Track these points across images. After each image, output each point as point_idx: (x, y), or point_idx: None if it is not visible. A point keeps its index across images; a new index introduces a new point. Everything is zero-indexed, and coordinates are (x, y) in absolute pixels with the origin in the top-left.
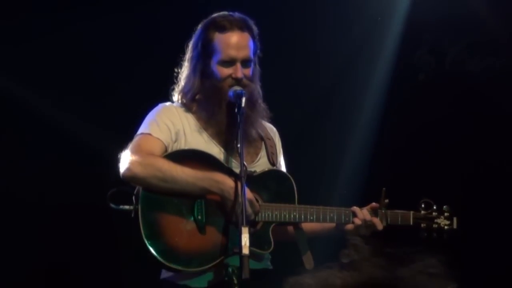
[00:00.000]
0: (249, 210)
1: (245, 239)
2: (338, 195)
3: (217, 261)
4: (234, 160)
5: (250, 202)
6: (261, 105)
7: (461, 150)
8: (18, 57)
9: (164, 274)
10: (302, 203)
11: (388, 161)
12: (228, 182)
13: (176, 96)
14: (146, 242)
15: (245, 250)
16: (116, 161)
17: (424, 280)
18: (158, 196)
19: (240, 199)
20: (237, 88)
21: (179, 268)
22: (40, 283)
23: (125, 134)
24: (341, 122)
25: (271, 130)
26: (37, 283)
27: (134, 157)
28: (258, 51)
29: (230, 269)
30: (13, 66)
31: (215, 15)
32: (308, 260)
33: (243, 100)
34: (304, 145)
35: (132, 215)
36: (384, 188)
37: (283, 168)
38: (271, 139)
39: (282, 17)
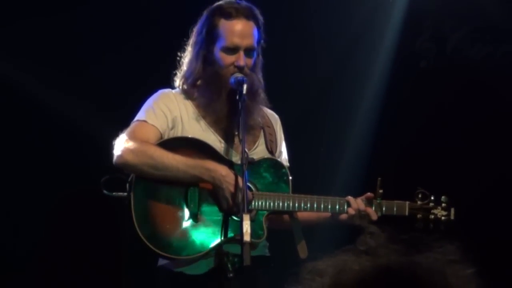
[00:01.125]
0: (240, 198)
1: (246, 226)
2: (338, 183)
3: (209, 248)
4: (231, 149)
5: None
6: (261, 95)
7: (463, 137)
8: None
9: (161, 261)
10: (301, 191)
11: (389, 149)
12: (220, 170)
13: (177, 82)
14: (138, 229)
15: (246, 237)
16: (110, 147)
17: (443, 266)
18: (151, 183)
19: (231, 186)
20: (238, 75)
21: (170, 255)
22: (36, 269)
23: (122, 120)
24: (342, 111)
25: (272, 116)
26: (33, 270)
27: (126, 144)
28: (262, 41)
29: (225, 257)
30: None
31: (221, 1)
32: (302, 249)
33: (245, 87)
34: (304, 134)
35: (126, 202)
36: (379, 178)
37: (284, 155)
38: (271, 127)
39: (283, 6)
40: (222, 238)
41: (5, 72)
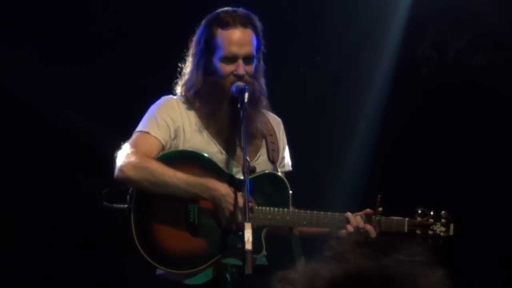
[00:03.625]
0: (239, 218)
1: (247, 234)
2: (339, 188)
3: (208, 263)
4: (233, 161)
5: (243, 207)
6: (263, 102)
7: (465, 144)
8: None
9: (159, 270)
10: (300, 201)
11: (391, 156)
12: (220, 188)
13: (179, 89)
14: (137, 242)
15: (248, 246)
16: (113, 158)
17: (411, 268)
18: (151, 197)
19: (231, 206)
20: (240, 83)
21: (168, 269)
22: (36, 281)
23: (123, 131)
24: (343, 118)
25: (275, 122)
26: (33, 281)
27: (128, 159)
28: (262, 47)
29: (224, 268)
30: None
31: (218, 10)
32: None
33: (246, 95)
34: (305, 141)
35: (126, 214)
36: (379, 196)
37: (286, 159)
38: (273, 135)
39: (287, 9)
40: (221, 253)
41: (5, 78)
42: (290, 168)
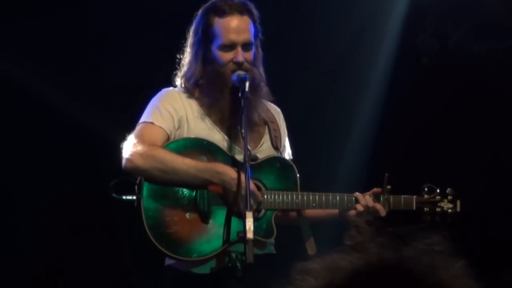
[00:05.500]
0: (251, 201)
1: (249, 223)
2: (340, 178)
3: (219, 250)
4: (237, 147)
5: (252, 192)
6: (264, 88)
7: (465, 133)
8: (12, 36)
9: (168, 261)
10: (305, 187)
11: (391, 144)
12: (230, 172)
13: (178, 81)
14: (148, 232)
15: (249, 235)
16: (119, 150)
17: (431, 259)
18: (160, 186)
19: (242, 189)
20: (241, 72)
21: (180, 257)
22: (41, 272)
23: (128, 122)
24: (344, 106)
25: (275, 111)
26: (38, 272)
27: (135, 149)
28: (260, 34)
29: (234, 255)
30: (8, 46)
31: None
32: (310, 245)
33: (247, 84)
34: (307, 129)
35: (135, 205)
36: (386, 174)
37: (287, 149)
38: (274, 122)
39: (284, 1)
40: (231, 239)
41: (7, 70)
42: (291, 157)
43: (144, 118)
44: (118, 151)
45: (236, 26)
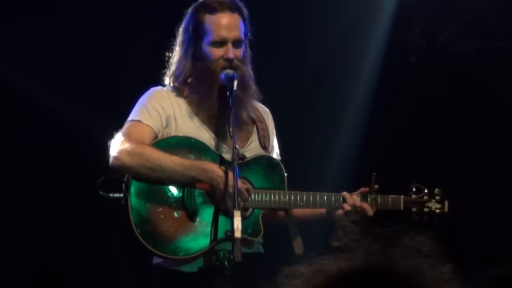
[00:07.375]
0: (239, 199)
1: (237, 222)
2: (329, 177)
3: (206, 248)
4: (224, 146)
5: (239, 190)
6: (253, 87)
7: (453, 132)
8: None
9: (156, 259)
10: (293, 187)
11: (380, 144)
12: (217, 170)
13: (167, 80)
14: (135, 230)
15: (237, 234)
16: (106, 148)
17: (417, 261)
18: (147, 184)
19: (230, 187)
20: (229, 71)
21: (168, 255)
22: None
23: (116, 120)
24: (332, 105)
25: (264, 111)
26: (26, 270)
27: (122, 146)
28: (249, 33)
29: (221, 253)
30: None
31: None
32: (298, 245)
33: (235, 83)
34: (295, 128)
35: (122, 203)
36: (374, 173)
37: (276, 149)
38: (263, 122)
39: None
40: (219, 237)
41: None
42: (279, 157)
43: (132, 116)
44: (106, 149)
45: (227, 23)
